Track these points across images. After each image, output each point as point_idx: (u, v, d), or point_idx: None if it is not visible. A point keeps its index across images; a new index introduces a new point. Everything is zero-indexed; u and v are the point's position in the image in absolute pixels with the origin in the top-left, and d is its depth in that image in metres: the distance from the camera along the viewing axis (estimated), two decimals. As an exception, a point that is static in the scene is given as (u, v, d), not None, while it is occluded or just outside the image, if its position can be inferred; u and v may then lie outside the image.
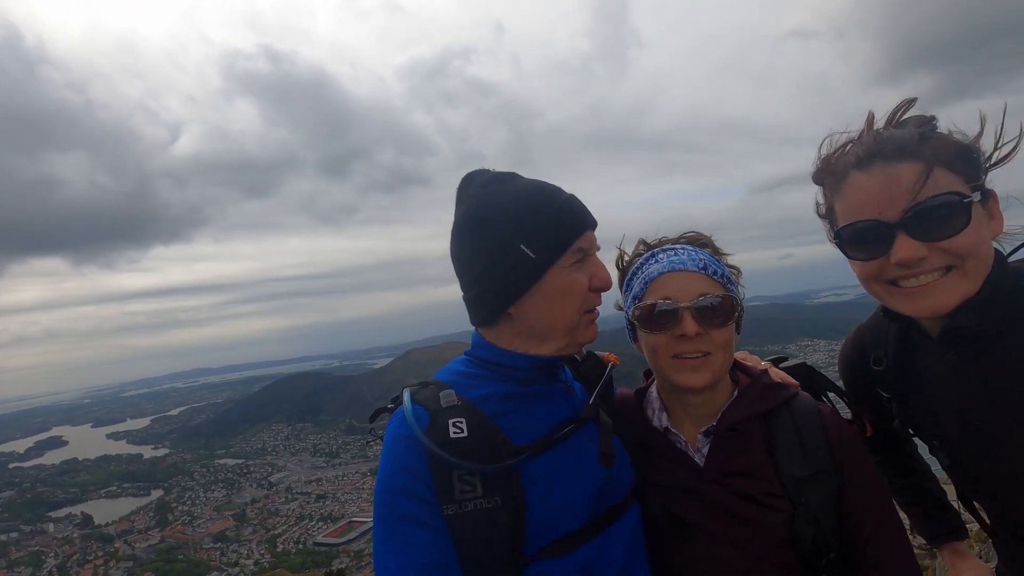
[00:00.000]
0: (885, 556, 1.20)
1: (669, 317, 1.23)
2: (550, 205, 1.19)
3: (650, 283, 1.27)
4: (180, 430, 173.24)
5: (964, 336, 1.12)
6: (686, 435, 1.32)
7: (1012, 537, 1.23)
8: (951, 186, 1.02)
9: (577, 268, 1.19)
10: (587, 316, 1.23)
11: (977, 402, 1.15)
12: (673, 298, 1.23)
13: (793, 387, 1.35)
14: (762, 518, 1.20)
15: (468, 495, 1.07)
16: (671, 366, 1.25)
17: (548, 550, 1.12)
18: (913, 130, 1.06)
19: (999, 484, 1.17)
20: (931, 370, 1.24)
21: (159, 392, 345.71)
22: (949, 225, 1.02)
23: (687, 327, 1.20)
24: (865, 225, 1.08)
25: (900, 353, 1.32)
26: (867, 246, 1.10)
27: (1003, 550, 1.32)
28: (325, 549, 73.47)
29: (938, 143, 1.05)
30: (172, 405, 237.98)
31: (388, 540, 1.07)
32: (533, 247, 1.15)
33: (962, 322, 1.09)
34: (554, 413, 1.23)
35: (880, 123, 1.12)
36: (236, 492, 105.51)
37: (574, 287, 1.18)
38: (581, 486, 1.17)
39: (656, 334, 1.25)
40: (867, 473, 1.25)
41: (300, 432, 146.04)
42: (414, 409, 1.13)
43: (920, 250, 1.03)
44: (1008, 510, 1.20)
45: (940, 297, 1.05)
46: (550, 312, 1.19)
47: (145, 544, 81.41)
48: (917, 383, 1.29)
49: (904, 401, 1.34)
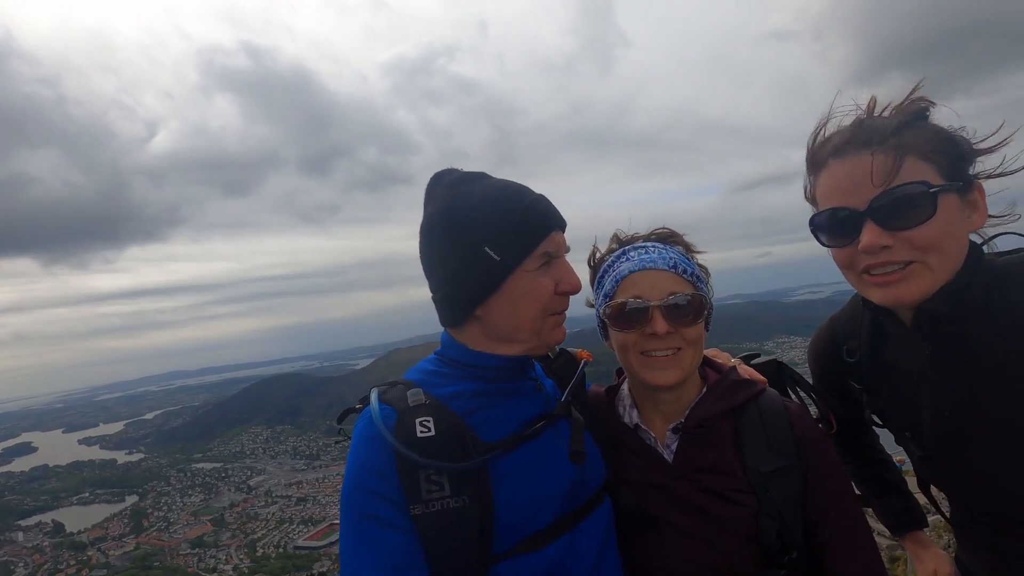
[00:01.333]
0: (848, 549, 1.22)
1: (639, 315, 1.24)
2: (515, 207, 1.18)
3: (621, 281, 1.28)
4: (155, 434, 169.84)
5: (938, 326, 1.13)
6: (656, 431, 1.34)
7: (975, 524, 1.26)
8: (920, 174, 1.03)
9: (543, 271, 1.19)
10: (553, 319, 1.22)
11: (949, 393, 1.16)
12: (644, 296, 1.24)
13: (760, 383, 1.37)
14: (728, 513, 1.21)
15: (435, 495, 1.06)
16: (641, 363, 1.27)
17: (518, 547, 1.12)
18: (893, 119, 1.07)
19: (967, 473, 1.18)
20: (904, 361, 1.26)
21: (133, 396, 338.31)
22: (914, 215, 1.02)
23: (657, 326, 1.22)
24: (835, 212, 1.10)
25: (873, 344, 1.33)
26: (838, 233, 1.12)
27: (965, 537, 1.34)
28: (306, 552, 72.77)
29: (915, 132, 1.05)
30: (147, 409, 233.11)
31: (355, 541, 1.07)
32: (497, 250, 1.15)
33: (936, 308, 1.09)
34: (525, 410, 1.23)
35: (880, 111, 1.12)
36: (214, 496, 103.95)
37: (539, 291, 1.18)
38: (552, 483, 1.17)
39: (626, 332, 1.26)
40: (831, 468, 1.27)
41: (280, 434, 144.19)
42: (381, 409, 1.12)
43: (884, 238, 1.04)
44: (974, 498, 1.22)
45: (903, 287, 1.07)
46: (515, 315, 1.19)
47: (119, 551, 79.64)
48: (890, 374, 1.30)
49: (876, 392, 1.35)
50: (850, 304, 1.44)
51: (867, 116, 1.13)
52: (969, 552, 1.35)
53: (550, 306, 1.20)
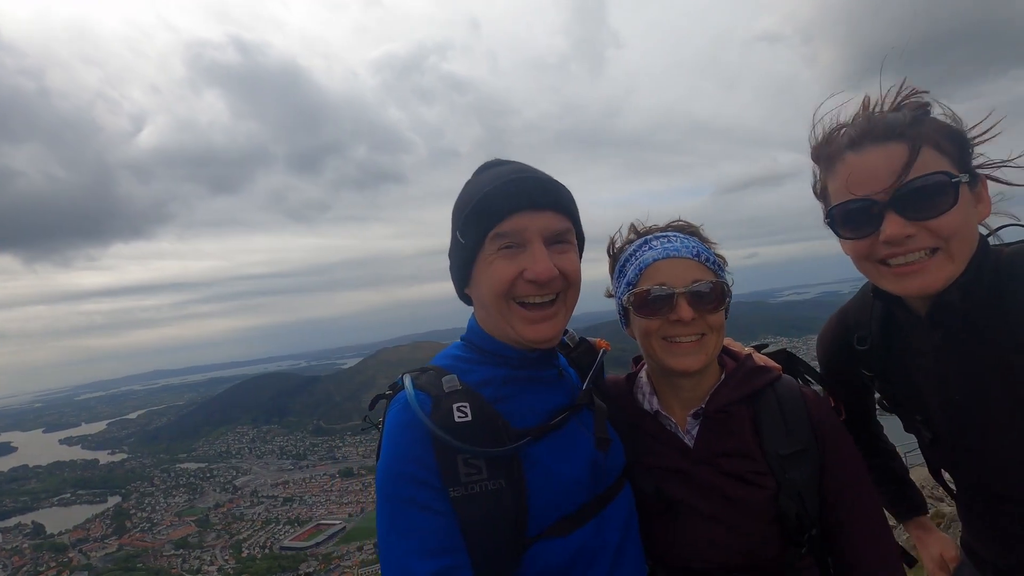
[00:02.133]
0: (864, 530, 1.26)
1: (664, 302, 1.26)
2: (480, 191, 1.18)
3: (645, 269, 1.30)
4: (139, 434, 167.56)
5: (951, 315, 1.16)
6: (676, 418, 1.37)
7: (983, 506, 1.30)
8: (939, 166, 1.05)
9: (507, 255, 1.16)
10: (523, 311, 1.19)
11: (959, 379, 1.19)
12: (668, 284, 1.26)
13: (776, 370, 1.40)
14: (749, 496, 1.25)
15: (474, 477, 1.08)
16: (665, 349, 1.29)
17: (549, 531, 1.14)
18: (906, 113, 1.10)
19: (977, 455, 1.22)
20: (916, 349, 1.28)
21: (116, 395, 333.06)
22: (937, 204, 1.05)
23: (683, 312, 1.24)
24: (856, 204, 1.11)
25: (884, 333, 1.36)
26: (857, 225, 1.13)
27: (973, 519, 1.37)
28: (292, 553, 72.21)
29: (928, 125, 1.09)
30: (130, 408, 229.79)
31: (393, 525, 1.07)
32: (463, 233, 1.20)
33: (948, 297, 1.13)
34: (551, 398, 1.26)
35: (878, 107, 1.15)
36: (199, 497, 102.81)
37: (495, 274, 1.17)
38: (578, 469, 1.20)
39: (651, 319, 1.28)
40: (847, 451, 1.31)
41: (266, 434, 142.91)
42: (416, 394, 1.13)
43: (907, 228, 1.06)
44: (983, 480, 1.26)
45: (927, 277, 1.09)
46: (483, 298, 1.21)
47: (101, 553, 78.49)
48: (901, 361, 1.33)
49: (887, 379, 1.39)
50: (859, 295, 1.46)
51: (865, 110, 1.15)
52: (976, 534, 1.37)
53: (514, 292, 1.17)
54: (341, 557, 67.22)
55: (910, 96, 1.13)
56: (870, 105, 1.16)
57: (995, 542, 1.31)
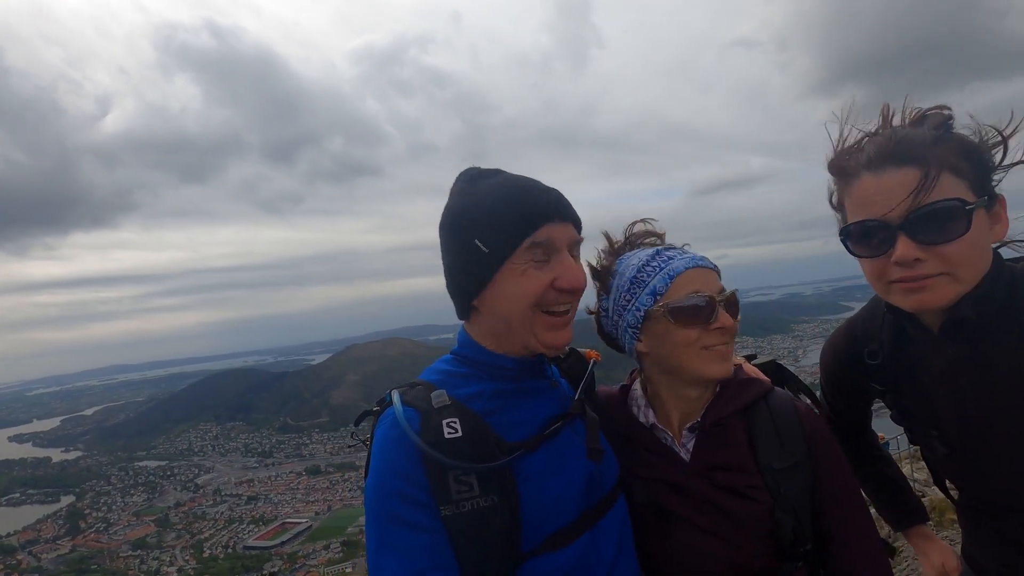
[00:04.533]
0: (854, 541, 1.27)
1: (705, 310, 1.24)
2: (506, 200, 1.17)
3: (676, 277, 1.26)
4: (95, 431, 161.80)
5: (964, 329, 1.16)
6: (672, 431, 1.36)
7: (990, 517, 1.31)
8: (956, 191, 1.06)
9: (539, 266, 1.17)
10: (546, 318, 1.19)
11: (973, 393, 1.19)
12: (703, 291, 1.25)
13: (767, 382, 1.39)
14: (744, 509, 1.24)
15: (465, 495, 1.06)
16: (701, 357, 1.26)
17: (544, 545, 1.12)
18: (928, 132, 1.09)
19: (989, 469, 1.23)
20: (929, 363, 1.28)
21: (71, 390, 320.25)
22: (948, 230, 1.06)
23: (724, 319, 1.24)
24: (870, 224, 1.13)
25: (896, 347, 1.36)
26: (870, 245, 1.15)
27: (977, 530, 1.38)
28: (256, 552, 70.84)
29: (947, 147, 1.08)
30: (86, 404, 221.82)
31: (382, 544, 1.06)
32: (486, 242, 1.15)
33: (962, 313, 1.14)
34: (543, 409, 1.24)
35: (896, 116, 1.14)
36: (158, 496, 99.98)
37: (528, 283, 1.15)
38: (572, 481, 1.18)
39: (691, 328, 1.25)
40: (839, 464, 1.31)
41: (230, 431, 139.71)
42: (405, 411, 1.11)
43: (918, 252, 1.08)
44: (992, 492, 1.26)
45: (935, 293, 1.10)
46: (505, 307, 1.18)
47: (53, 555, 75.58)
48: (912, 376, 1.33)
49: (900, 393, 1.38)
50: (868, 308, 1.46)
51: (884, 121, 1.14)
52: (979, 545, 1.38)
53: (543, 301, 1.17)
54: (307, 556, 66.24)
55: (931, 109, 1.11)
56: (889, 114, 1.14)
57: (1000, 552, 1.30)
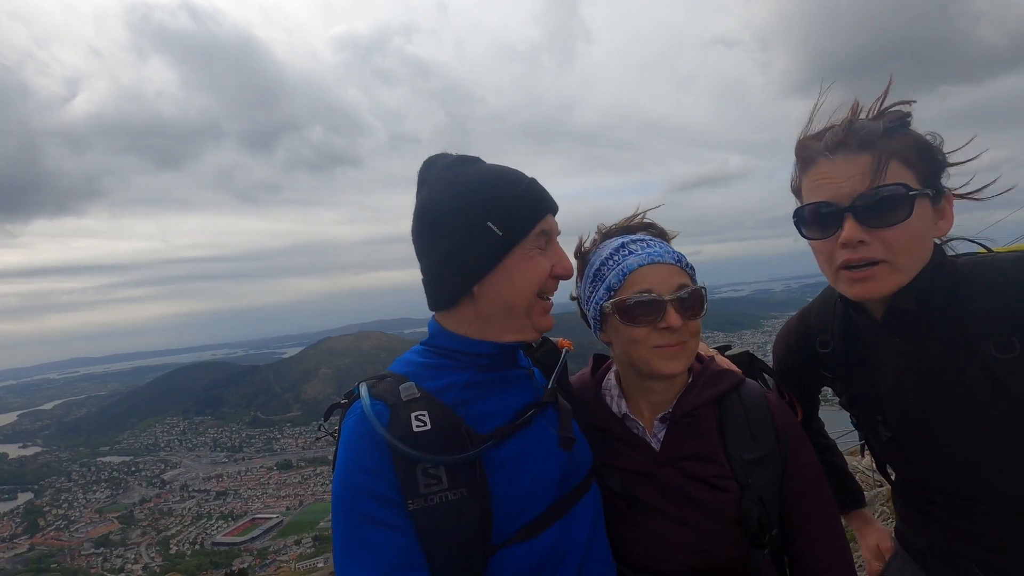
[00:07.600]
0: (820, 532, 1.31)
1: (653, 309, 1.24)
2: (517, 184, 1.20)
3: (629, 275, 1.27)
4: (55, 426, 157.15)
5: (905, 319, 1.24)
6: (643, 421, 1.37)
7: (923, 499, 1.38)
8: (901, 179, 1.13)
9: (541, 252, 1.20)
10: (542, 303, 1.23)
11: (914, 382, 1.27)
12: (654, 290, 1.25)
13: (738, 374, 1.42)
14: (712, 498, 1.26)
15: (434, 488, 1.06)
16: (653, 355, 1.27)
17: (516, 536, 1.13)
18: (881, 124, 1.16)
19: (926, 454, 1.30)
20: (876, 352, 1.35)
21: (29, 384, 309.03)
22: (891, 215, 1.12)
23: (672, 320, 1.23)
24: (819, 207, 1.19)
25: (846, 337, 1.42)
26: (820, 226, 1.21)
27: (910, 510, 1.45)
28: (225, 549, 69.91)
29: (900, 139, 1.15)
30: (45, 398, 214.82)
31: (348, 543, 1.05)
32: (500, 225, 1.15)
33: (901, 304, 1.21)
34: (516, 399, 1.24)
35: (863, 111, 1.21)
36: (122, 492, 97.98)
37: (536, 269, 1.18)
38: (544, 470, 1.18)
39: (638, 327, 1.26)
40: (808, 457, 1.34)
41: (198, 426, 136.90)
42: (373, 404, 1.10)
43: (862, 234, 1.14)
44: (928, 476, 1.33)
45: (875, 284, 1.17)
46: (511, 291, 1.18)
47: (10, 554, 73.26)
48: (860, 364, 1.40)
49: (848, 381, 1.44)
50: (821, 299, 1.53)
51: (852, 117, 1.21)
52: (911, 524, 1.46)
53: (544, 287, 1.21)
54: (277, 552, 65.55)
55: (894, 105, 1.19)
56: (858, 109, 1.21)
57: (926, 529, 1.38)
